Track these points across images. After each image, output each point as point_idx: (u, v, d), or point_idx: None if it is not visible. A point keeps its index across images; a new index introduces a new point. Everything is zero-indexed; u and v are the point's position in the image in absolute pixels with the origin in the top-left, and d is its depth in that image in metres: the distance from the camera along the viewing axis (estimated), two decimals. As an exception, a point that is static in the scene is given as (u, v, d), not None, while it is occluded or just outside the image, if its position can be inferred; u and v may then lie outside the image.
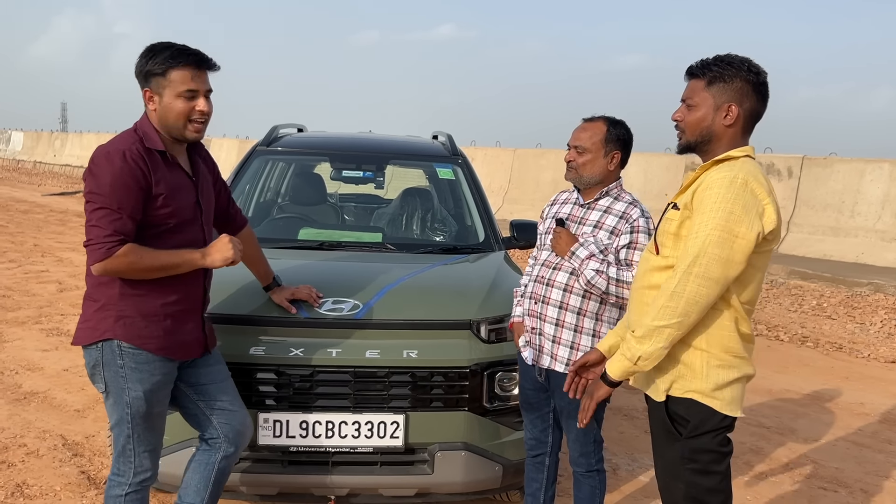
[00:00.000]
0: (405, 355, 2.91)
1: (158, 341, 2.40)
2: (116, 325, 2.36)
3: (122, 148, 2.30)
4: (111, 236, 2.26)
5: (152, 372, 2.41)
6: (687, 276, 2.01)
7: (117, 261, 2.27)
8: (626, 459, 4.18)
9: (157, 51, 2.36)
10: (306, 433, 2.87)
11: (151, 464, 2.51)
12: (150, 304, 2.39)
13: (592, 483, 2.83)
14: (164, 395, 2.50)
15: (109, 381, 2.39)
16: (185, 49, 2.38)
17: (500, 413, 3.03)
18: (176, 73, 2.35)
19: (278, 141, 4.56)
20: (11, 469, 3.69)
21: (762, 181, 2.07)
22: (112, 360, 2.37)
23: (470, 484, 3.00)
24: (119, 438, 2.45)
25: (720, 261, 1.99)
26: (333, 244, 3.82)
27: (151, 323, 2.39)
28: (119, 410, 2.41)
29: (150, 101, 2.38)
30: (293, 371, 2.87)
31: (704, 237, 2.00)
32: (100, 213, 2.26)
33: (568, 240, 2.70)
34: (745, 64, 2.14)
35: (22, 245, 10.90)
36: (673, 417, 2.17)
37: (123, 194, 2.26)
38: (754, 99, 2.15)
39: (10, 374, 5.13)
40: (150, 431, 2.47)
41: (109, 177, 2.26)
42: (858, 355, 6.85)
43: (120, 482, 2.48)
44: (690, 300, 2.01)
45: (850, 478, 4.09)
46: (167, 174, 2.39)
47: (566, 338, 2.71)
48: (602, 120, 2.79)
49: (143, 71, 2.37)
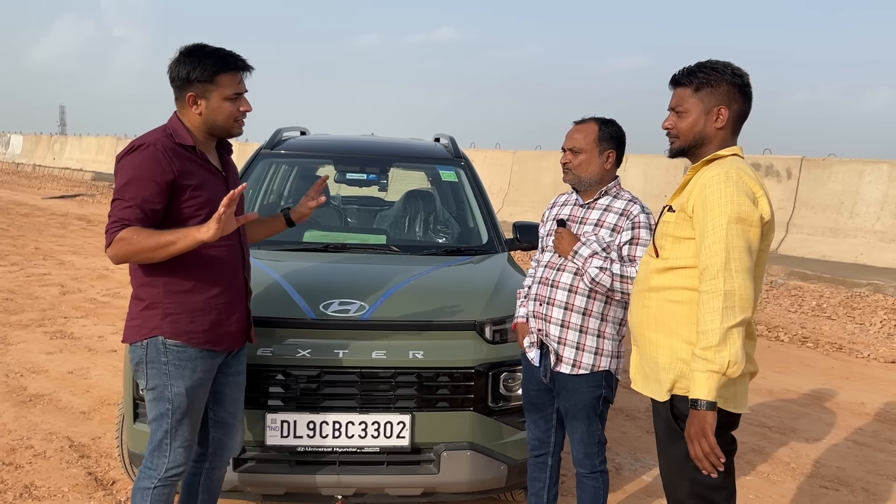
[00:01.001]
0: (411, 356, 2.94)
1: (204, 335, 2.48)
2: (164, 323, 2.43)
3: (149, 141, 2.40)
4: (115, 223, 2.34)
5: (194, 369, 2.47)
6: (729, 273, 2.02)
7: (119, 245, 2.32)
8: (629, 459, 4.21)
9: (201, 56, 2.44)
10: (313, 433, 2.90)
11: (185, 459, 2.54)
12: (195, 300, 2.46)
13: (596, 484, 2.86)
14: (204, 392, 2.56)
15: (152, 377, 2.46)
16: (230, 54, 2.48)
17: (504, 413, 3.06)
18: (224, 78, 2.45)
19: (282, 144, 4.59)
20: (19, 470, 3.72)
21: (752, 175, 2.14)
22: (156, 357, 2.44)
23: (475, 483, 3.03)
24: (157, 433, 2.50)
25: (746, 251, 2.04)
26: (338, 246, 3.85)
27: (197, 318, 2.47)
28: (160, 406, 2.47)
29: (195, 104, 2.46)
30: (300, 372, 2.90)
31: (724, 233, 2.03)
32: (115, 203, 2.36)
33: (570, 240, 2.73)
34: (727, 68, 2.21)
35: (23, 248, 10.93)
36: (677, 416, 2.21)
37: (138, 185, 2.34)
38: (740, 100, 2.22)
39: (15, 377, 5.16)
40: (187, 427, 2.52)
41: (131, 168, 2.35)
42: (858, 355, 6.88)
43: (151, 475, 2.51)
44: (743, 294, 2.02)
45: (851, 477, 4.12)
46: (196, 168, 2.47)
47: (571, 338, 2.74)
48: (593, 120, 2.85)
49: (186, 76, 2.44)
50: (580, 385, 2.74)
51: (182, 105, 2.49)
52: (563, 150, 2.86)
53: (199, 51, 2.46)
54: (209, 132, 2.52)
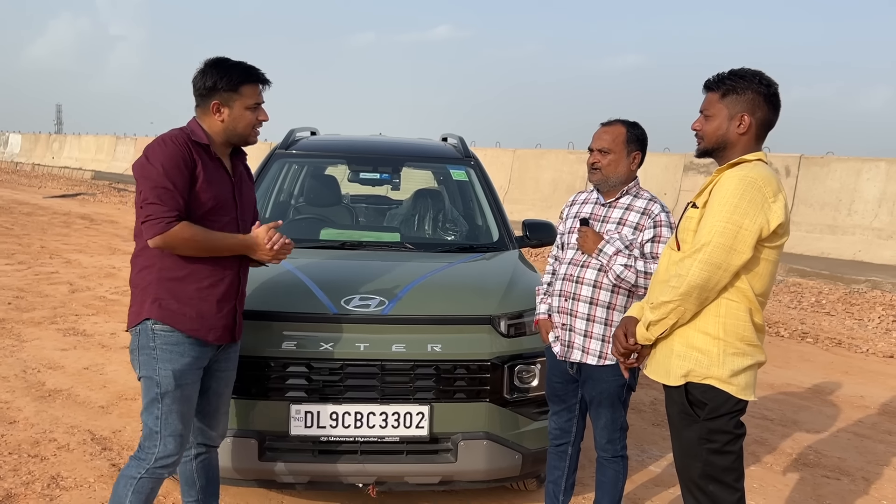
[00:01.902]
0: (429, 349, 3.05)
1: (191, 322, 2.57)
2: (152, 307, 2.54)
3: (170, 136, 2.57)
4: (169, 212, 2.46)
5: (182, 353, 2.56)
6: (692, 261, 2.23)
7: (174, 235, 2.47)
8: (635, 451, 4.32)
9: (227, 68, 2.62)
10: (336, 423, 3.01)
11: (175, 449, 2.59)
12: (185, 289, 2.57)
13: (616, 468, 2.99)
14: (194, 378, 2.62)
15: (143, 364, 2.57)
16: (253, 67, 2.67)
17: (519, 404, 3.17)
18: (247, 89, 2.64)
19: (295, 144, 4.70)
20: (45, 462, 3.82)
21: (771, 181, 2.24)
22: (146, 342, 2.55)
23: (491, 472, 3.14)
24: (148, 421, 2.57)
25: (724, 248, 2.19)
26: (354, 244, 3.96)
27: (185, 305, 2.57)
28: (150, 391, 2.56)
29: (218, 111, 2.62)
30: (323, 364, 3.01)
31: (711, 227, 2.21)
32: (158, 191, 2.46)
33: (594, 238, 2.85)
34: (756, 77, 2.33)
35: (29, 247, 11.01)
36: (692, 402, 2.32)
37: (176, 174, 2.49)
38: (765, 109, 2.34)
39: (32, 373, 5.26)
40: (178, 416, 2.57)
41: (162, 158, 2.49)
42: (857, 350, 7.01)
43: (140, 464, 2.57)
44: (692, 282, 2.22)
45: (852, 467, 4.24)
46: (208, 164, 2.61)
47: (597, 332, 2.86)
48: (620, 123, 2.97)
49: (213, 85, 2.60)
50: (606, 374, 2.87)
51: (204, 112, 2.64)
52: (590, 150, 2.97)
53: (223, 63, 2.63)
54: (228, 139, 2.68)
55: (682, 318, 2.32)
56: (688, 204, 2.43)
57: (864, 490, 3.96)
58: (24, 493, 3.49)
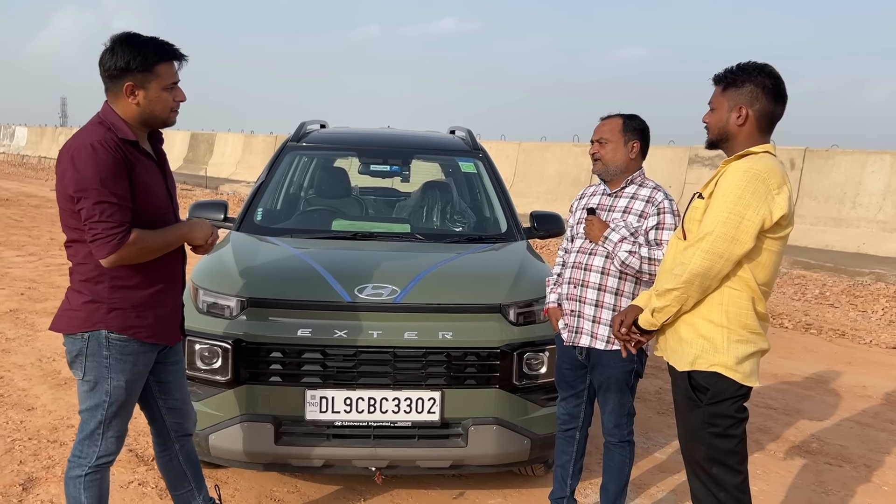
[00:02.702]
0: (441, 337, 3.13)
1: (148, 329, 2.50)
2: (109, 317, 2.42)
3: (98, 139, 2.34)
4: (118, 227, 2.32)
5: (135, 363, 2.50)
6: (695, 250, 2.31)
7: (128, 249, 2.34)
8: (641, 438, 4.40)
9: (138, 45, 2.40)
10: (350, 409, 3.09)
11: (116, 448, 2.58)
12: (140, 295, 2.47)
13: (623, 452, 3.07)
14: (141, 384, 2.59)
15: (91, 370, 2.45)
16: (167, 43, 2.46)
17: (528, 390, 3.25)
18: (163, 68, 2.43)
19: (306, 136, 4.77)
20: (64, 447, 3.92)
21: (776, 173, 2.31)
22: (98, 350, 2.44)
23: (501, 456, 3.22)
24: (89, 423, 2.52)
25: (726, 238, 2.26)
26: (366, 234, 4.04)
27: (142, 312, 2.48)
28: (96, 398, 2.48)
29: (132, 94, 2.41)
30: (337, 351, 3.09)
31: (715, 217, 2.29)
32: (102, 207, 2.30)
33: (600, 226, 2.93)
34: (757, 70, 2.41)
35: (38, 239, 11.12)
36: (696, 387, 2.40)
37: (115, 184, 2.32)
38: (765, 101, 2.40)
39: (47, 361, 5.35)
40: (121, 419, 2.55)
41: (95, 168, 2.29)
42: (860, 341, 7.07)
43: (81, 463, 2.54)
44: (695, 270, 2.30)
45: (854, 454, 4.32)
46: (142, 162, 2.46)
47: (605, 317, 2.95)
48: (617, 115, 3.08)
49: (125, 66, 2.38)
50: (613, 360, 2.94)
51: (117, 96, 2.43)
52: (591, 142, 3.07)
53: (135, 39, 2.41)
54: (145, 123, 2.49)
55: (685, 306, 2.39)
56: (694, 194, 2.51)
57: (866, 477, 4.03)
58: (44, 476, 3.59)
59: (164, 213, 2.57)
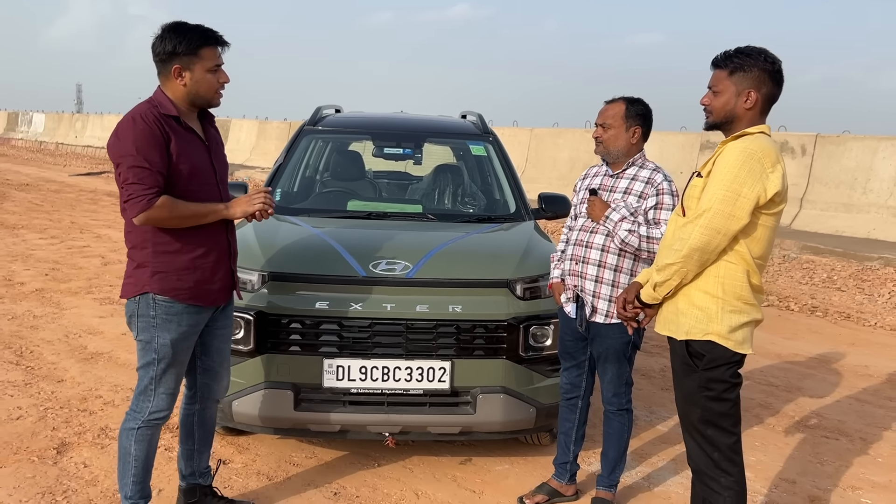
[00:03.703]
0: (451, 310, 3.30)
1: (189, 292, 2.73)
2: (152, 280, 2.68)
3: (139, 113, 2.63)
4: (149, 189, 2.57)
5: (180, 322, 2.73)
6: (694, 226, 2.45)
7: (157, 210, 2.58)
8: (644, 412, 4.56)
9: (184, 31, 2.68)
10: (365, 377, 3.27)
11: (168, 405, 2.81)
12: (181, 260, 2.71)
13: (622, 420, 3.23)
14: (189, 344, 2.82)
15: (142, 330, 2.72)
16: (211, 30, 2.73)
17: (533, 361, 3.42)
18: (206, 51, 2.70)
19: (322, 121, 4.94)
20: (94, 416, 4.13)
21: (770, 152, 2.45)
22: (146, 311, 2.70)
23: (507, 423, 3.40)
24: (143, 379, 2.77)
25: (723, 215, 2.40)
26: (380, 214, 4.22)
27: (184, 275, 2.71)
28: (148, 356, 2.74)
29: (179, 76, 2.68)
30: (353, 323, 3.27)
31: (713, 195, 2.43)
32: (136, 171, 2.56)
33: (601, 206, 3.08)
34: (761, 55, 2.53)
35: (59, 223, 11.37)
36: (692, 353, 2.56)
37: (149, 152, 2.57)
38: (770, 85, 2.53)
39: (74, 337, 5.58)
40: (171, 377, 2.78)
41: (133, 138, 2.57)
42: (865, 324, 7.18)
43: (135, 417, 2.77)
44: (694, 245, 2.44)
45: (851, 428, 4.46)
46: (181, 136, 2.69)
47: (605, 292, 3.10)
48: (622, 99, 3.21)
49: (172, 50, 2.66)
50: (612, 332, 3.10)
51: (166, 78, 2.70)
52: (595, 125, 3.21)
53: (181, 27, 2.69)
54: (192, 103, 2.74)
55: (685, 279, 2.54)
56: (693, 173, 2.65)
57: (862, 450, 4.17)
58: (77, 441, 3.80)
59: (205, 188, 2.76)
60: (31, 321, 5.94)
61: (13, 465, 3.51)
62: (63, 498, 3.25)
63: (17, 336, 5.52)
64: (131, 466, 2.78)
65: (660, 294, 2.60)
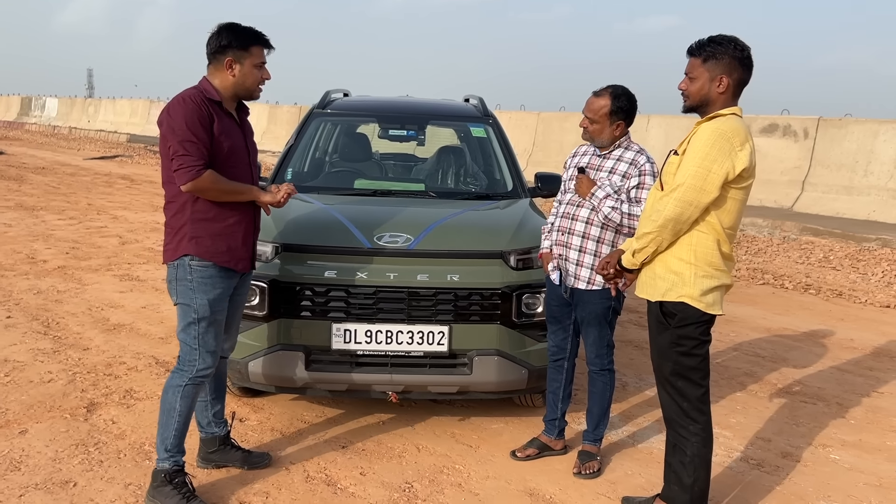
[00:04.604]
0: (449, 279, 3.57)
1: (223, 255, 3.04)
2: (190, 244, 2.98)
3: (188, 95, 2.98)
4: (198, 160, 2.90)
5: (214, 285, 3.03)
6: (669, 199, 2.71)
7: (203, 181, 2.91)
8: (634, 379, 4.84)
9: (238, 30, 3.06)
10: (370, 340, 3.56)
11: (212, 361, 3.10)
12: (216, 226, 3.02)
13: (605, 380, 3.51)
14: (223, 306, 3.11)
15: (181, 293, 3.03)
16: (260, 32, 3.11)
17: (526, 327, 3.69)
18: (256, 49, 3.08)
19: (331, 104, 5.21)
20: (118, 380, 4.45)
21: (739, 132, 2.71)
22: (184, 275, 3.00)
23: (502, 384, 3.68)
24: (187, 340, 3.05)
25: (694, 189, 2.66)
26: (385, 192, 4.49)
27: (217, 240, 3.02)
28: (188, 316, 3.03)
29: (230, 67, 3.03)
30: (359, 290, 3.55)
31: (686, 171, 2.70)
32: (186, 144, 2.89)
33: (588, 184, 3.35)
34: (731, 43, 2.78)
35: (77, 204, 11.71)
36: (665, 313, 2.83)
37: (197, 128, 2.90)
38: (740, 70, 2.78)
39: (97, 311, 5.90)
40: (211, 335, 3.07)
41: (184, 115, 2.91)
42: (856, 301, 7.42)
43: (182, 374, 3.06)
44: (668, 216, 2.71)
45: (829, 395, 4.72)
46: (223, 119, 3.04)
47: (587, 262, 3.38)
48: (608, 94, 3.41)
49: (227, 44, 3.02)
50: (594, 298, 3.38)
51: (217, 68, 3.04)
52: (583, 114, 3.46)
53: (236, 26, 3.08)
54: (236, 93, 3.09)
55: (660, 247, 2.81)
56: (670, 151, 2.91)
57: (838, 413, 4.44)
58: (104, 402, 4.12)
59: (240, 169, 3.10)
60: (55, 295, 6.27)
61: (48, 420, 3.83)
62: (95, 449, 3.56)
63: (44, 309, 5.85)
64: (175, 421, 3.06)
65: (638, 260, 2.87)
